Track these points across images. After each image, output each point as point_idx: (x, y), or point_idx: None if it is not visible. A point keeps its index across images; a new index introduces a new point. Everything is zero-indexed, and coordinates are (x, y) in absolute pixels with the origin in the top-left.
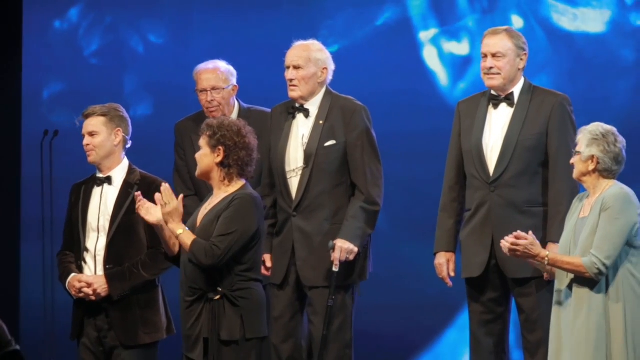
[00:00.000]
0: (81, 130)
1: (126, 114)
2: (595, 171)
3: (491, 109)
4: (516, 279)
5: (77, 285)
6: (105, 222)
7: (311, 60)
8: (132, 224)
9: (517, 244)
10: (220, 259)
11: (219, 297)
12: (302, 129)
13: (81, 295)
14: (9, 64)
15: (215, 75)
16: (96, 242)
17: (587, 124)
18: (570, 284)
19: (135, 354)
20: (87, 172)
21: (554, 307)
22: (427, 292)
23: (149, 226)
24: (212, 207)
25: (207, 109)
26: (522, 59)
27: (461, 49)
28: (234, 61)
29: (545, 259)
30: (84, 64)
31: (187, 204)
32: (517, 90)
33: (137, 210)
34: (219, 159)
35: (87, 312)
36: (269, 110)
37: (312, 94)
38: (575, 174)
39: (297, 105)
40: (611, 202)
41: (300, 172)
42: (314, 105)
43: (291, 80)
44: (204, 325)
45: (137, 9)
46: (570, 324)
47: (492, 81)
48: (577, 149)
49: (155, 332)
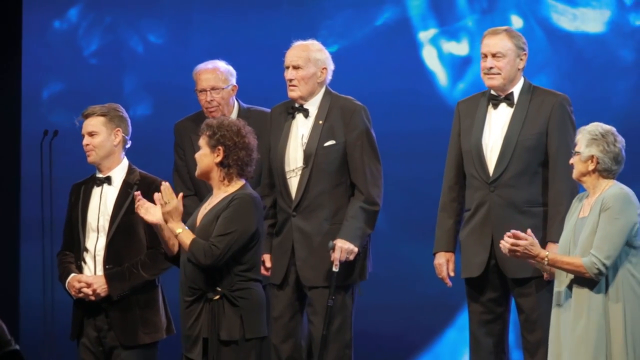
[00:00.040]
0: (81, 130)
1: (126, 114)
2: (594, 171)
3: (491, 109)
4: (516, 279)
5: (77, 285)
6: (104, 222)
7: (310, 60)
8: (132, 224)
9: (516, 245)
10: (219, 258)
11: (218, 297)
12: (301, 129)
13: (81, 295)
14: (8, 64)
15: (214, 75)
16: (96, 242)
17: (587, 124)
18: (570, 284)
19: (135, 354)
20: (87, 172)
21: (554, 307)
22: (427, 292)
23: (149, 226)
24: (211, 207)
25: (207, 109)
26: (522, 59)
27: (460, 49)
28: (233, 61)
29: (545, 259)
30: (84, 64)
31: (187, 204)
32: (516, 90)
33: (137, 209)
34: (219, 159)
35: (87, 312)
36: (269, 110)
37: (311, 94)
38: (574, 174)
39: (297, 105)
40: (611, 202)
41: (299, 172)
42: (313, 105)
43: (291, 80)
44: (204, 325)
45: (136, 9)
46: (570, 324)
47: (492, 81)
48: (577, 149)
49: (154, 332)
